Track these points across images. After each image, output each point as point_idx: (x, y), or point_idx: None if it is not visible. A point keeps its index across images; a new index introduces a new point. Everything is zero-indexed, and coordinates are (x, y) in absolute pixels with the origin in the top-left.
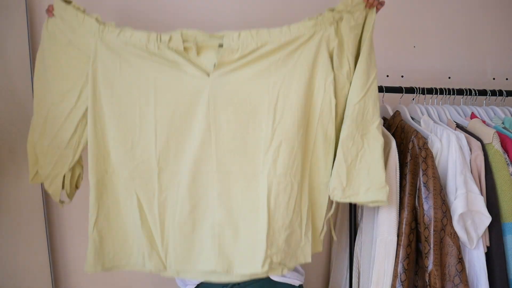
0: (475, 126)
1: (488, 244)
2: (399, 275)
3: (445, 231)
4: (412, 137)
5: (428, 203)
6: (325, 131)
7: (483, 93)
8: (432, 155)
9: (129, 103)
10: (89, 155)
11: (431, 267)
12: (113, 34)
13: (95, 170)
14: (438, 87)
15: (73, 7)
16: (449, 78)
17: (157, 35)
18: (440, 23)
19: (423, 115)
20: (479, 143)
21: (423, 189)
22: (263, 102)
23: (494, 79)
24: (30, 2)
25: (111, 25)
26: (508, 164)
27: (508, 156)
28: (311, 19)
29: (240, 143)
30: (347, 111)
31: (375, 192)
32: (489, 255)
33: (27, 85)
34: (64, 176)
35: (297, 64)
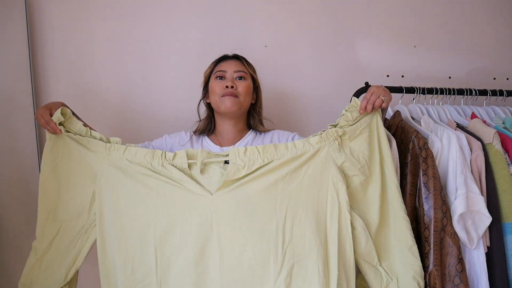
0: (475, 126)
1: (489, 244)
2: None
3: (445, 231)
4: (413, 137)
5: (428, 203)
6: (344, 250)
7: (483, 93)
8: (433, 155)
9: (130, 223)
10: (101, 276)
11: (431, 267)
12: (119, 152)
13: None
14: (438, 87)
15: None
16: (450, 78)
17: (162, 152)
18: (440, 23)
19: (423, 115)
20: (479, 143)
21: (423, 189)
22: (271, 221)
23: (494, 79)
24: (30, 2)
25: (116, 143)
26: (508, 164)
27: (508, 156)
28: (316, 135)
29: (246, 270)
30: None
31: None
32: (489, 255)
33: (27, 85)
34: None
35: (303, 180)
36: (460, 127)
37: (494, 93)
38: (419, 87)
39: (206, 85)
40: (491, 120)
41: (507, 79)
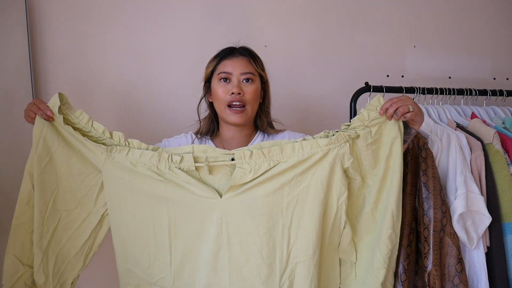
0: (475, 126)
1: (489, 244)
2: (399, 275)
3: (444, 231)
4: None
5: (428, 203)
6: (335, 246)
7: (483, 93)
8: (432, 155)
9: (143, 222)
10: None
11: (430, 267)
12: (121, 154)
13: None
14: (438, 87)
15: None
16: (450, 78)
17: (169, 155)
18: (440, 23)
19: None
20: (479, 143)
21: (423, 189)
22: (277, 223)
23: (494, 79)
24: (30, 2)
25: (119, 137)
26: (508, 164)
27: (508, 156)
28: (324, 137)
29: (254, 268)
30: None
31: None
32: (489, 255)
33: (27, 85)
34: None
35: (310, 184)
36: (460, 127)
37: (494, 93)
38: (419, 87)
39: (208, 81)
40: (491, 120)
41: (507, 79)
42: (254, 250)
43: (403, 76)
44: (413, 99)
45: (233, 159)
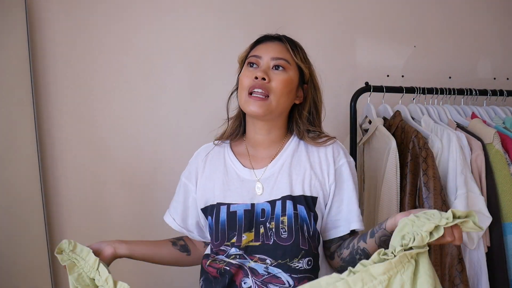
0: (475, 126)
1: (489, 244)
2: None
3: None
4: (413, 137)
5: (428, 203)
6: None
7: (483, 93)
8: (433, 155)
9: None
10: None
11: None
12: None
13: None
14: (438, 87)
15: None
16: (450, 78)
17: None
18: (441, 23)
19: (423, 115)
20: (479, 143)
21: (423, 189)
22: None
23: (494, 79)
24: (30, 2)
25: None
26: (508, 164)
27: (508, 156)
28: (380, 260)
29: None
30: None
31: None
32: (489, 255)
33: (27, 85)
34: None
35: None
36: (460, 127)
37: (494, 93)
38: (419, 87)
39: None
40: (491, 120)
41: (507, 79)
42: None
43: (403, 76)
44: (413, 99)
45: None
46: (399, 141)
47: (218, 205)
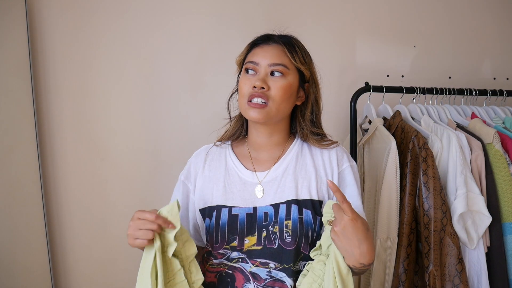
0: (475, 126)
1: (489, 244)
2: (399, 275)
3: (445, 231)
4: (413, 137)
5: (428, 203)
6: None
7: (483, 93)
8: (433, 155)
9: None
10: None
11: (431, 267)
12: None
13: None
14: (438, 87)
15: None
16: (450, 78)
17: None
18: (441, 23)
19: (423, 115)
20: (479, 143)
21: (423, 189)
22: None
23: (494, 79)
24: (30, 2)
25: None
26: (508, 164)
27: (508, 156)
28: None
29: None
30: None
31: None
32: (489, 255)
33: (27, 85)
34: None
35: None
36: (460, 127)
37: (494, 93)
38: (419, 87)
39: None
40: (491, 120)
41: (507, 79)
42: None
43: (403, 76)
44: (413, 99)
45: None
46: (399, 141)
47: (219, 207)
